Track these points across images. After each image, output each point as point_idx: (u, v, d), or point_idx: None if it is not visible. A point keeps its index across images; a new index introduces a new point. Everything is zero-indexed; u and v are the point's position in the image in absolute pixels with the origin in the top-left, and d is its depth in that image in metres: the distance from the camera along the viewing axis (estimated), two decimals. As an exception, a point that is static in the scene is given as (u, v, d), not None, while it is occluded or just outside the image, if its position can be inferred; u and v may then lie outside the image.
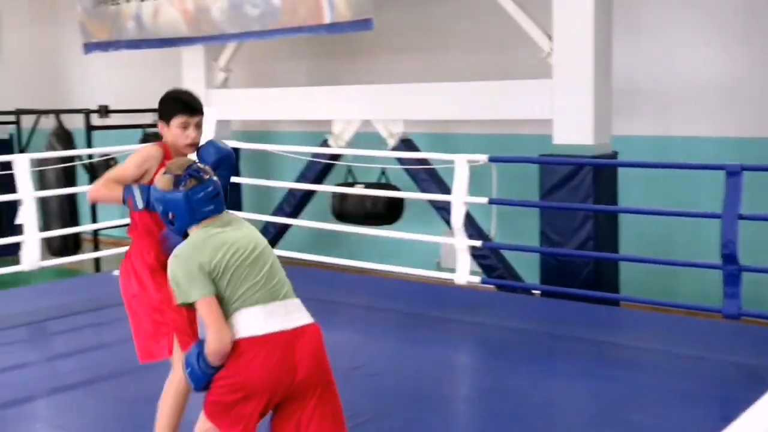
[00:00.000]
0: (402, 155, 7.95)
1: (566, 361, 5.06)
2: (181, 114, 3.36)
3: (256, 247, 2.86)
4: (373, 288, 7.03)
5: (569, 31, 6.85)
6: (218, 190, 2.90)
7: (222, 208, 2.91)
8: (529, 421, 4.18)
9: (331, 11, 7.66)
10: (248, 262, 2.80)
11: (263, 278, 2.80)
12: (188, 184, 2.83)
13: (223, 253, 2.77)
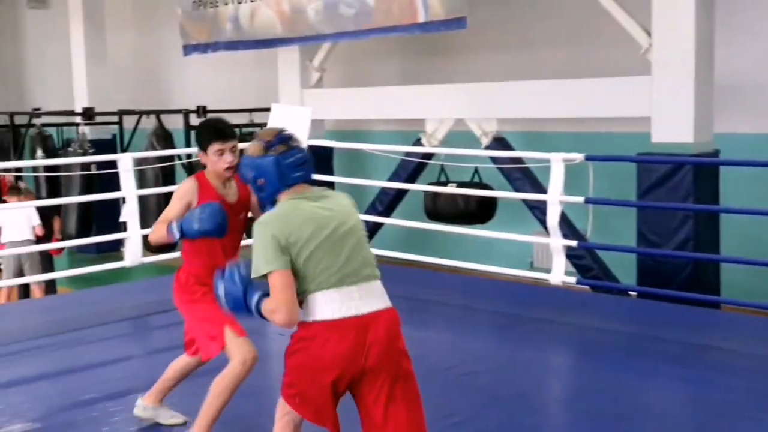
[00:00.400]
0: (495, 154, 7.89)
1: (664, 365, 4.93)
2: (215, 142, 3.56)
3: (341, 225, 2.85)
4: (466, 287, 6.99)
5: (669, 26, 6.69)
6: (307, 158, 2.92)
7: (310, 175, 2.94)
8: (624, 424, 4.10)
9: (425, 10, 7.66)
10: (330, 243, 2.80)
11: (344, 260, 2.80)
12: (278, 149, 2.85)
13: (305, 230, 2.77)
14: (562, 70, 8.45)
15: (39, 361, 5.36)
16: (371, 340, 2.74)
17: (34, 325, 6.23)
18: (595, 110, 7.53)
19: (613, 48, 7.93)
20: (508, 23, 9.20)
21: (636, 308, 6.40)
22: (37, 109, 12.89)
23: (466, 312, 6.31)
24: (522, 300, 6.53)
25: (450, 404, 4.23)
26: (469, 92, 8.38)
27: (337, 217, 2.86)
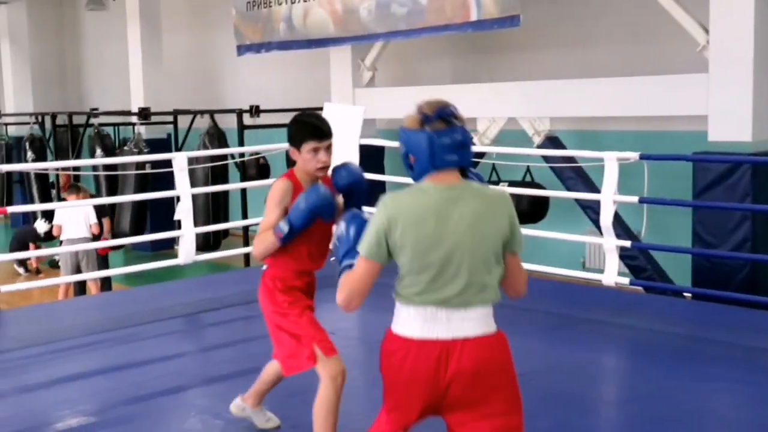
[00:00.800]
0: (548, 153, 7.83)
1: (720, 368, 4.84)
2: (310, 139, 3.34)
3: (462, 238, 2.50)
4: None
5: (727, 22, 6.57)
6: (467, 140, 2.60)
7: (467, 161, 2.62)
8: (679, 428, 4.04)
9: (478, 9, 7.62)
10: (434, 255, 2.49)
11: (442, 278, 2.50)
12: (435, 126, 2.56)
13: (415, 227, 2.50)
14: (616, 69, 8.36)
15: (95, 356, 5.45)
16: (453, 370, 2.48)
17: (90, 321, 6.33)
18: (651, 108, 7.43)
19: (668, 45, 7.82)
20: (562, 21, 9.12)
21: (691, 310, 6.31)
22: (95, 109, 13.13)
23: (517, 312, 6.24)
24: (574, 300, 6.48)
25: (501, 405, 4.21)
26: (522, 91, 8.33)
27: (466, 222, 2.52)
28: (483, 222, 2.54)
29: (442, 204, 2.53)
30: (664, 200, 6.77)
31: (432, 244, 2.48)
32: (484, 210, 2.56)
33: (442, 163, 2.55)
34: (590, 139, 8.48)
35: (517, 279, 2.74)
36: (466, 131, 2.60)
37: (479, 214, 2.54)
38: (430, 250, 2.48)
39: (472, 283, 2.52)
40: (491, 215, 2.57)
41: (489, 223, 2.55)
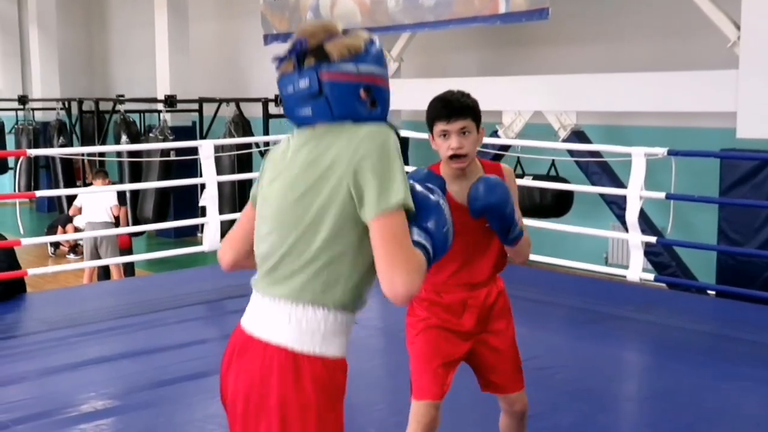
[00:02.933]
0: (574, 147, 7.80)
1: (744, 366, 4.80)
2: (437, 120, 2.69)
3: (295, 183, 1.89)
4: (540, 281, 6.92)
5: (759, 19, 6.51)
6: (313, 90, 1.85)
7: (310, 120, 1.90)
8: (701, 426, 4.01)
9: (507, 1, 7.59)
10: (266, 205, 1.97)
11: (265, 250, 1.94)
12: (283, 68, 1.94)
13: (260, 176, 2.05)
14: (645, 64, 8.31)
15: (118, 340, 5.49)
16: (225, 372, 2.00)
17: (114, 305, 6.38)
18: (679, 104, 7.38)
19: (698, 41, 7.75)
20: (591, 15, 9.06)
21: (715, 308, 6.27)
22: (121, 96, 13.20)
23: (540, 306, 6.25)
24: (597, 295, 6.45)
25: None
26: (549, 85, 8.29)
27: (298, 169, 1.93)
28: (313, 178, 1.87)
29: (279, 158, 2.00)
30: (692, 197, 6.73)
31: (260, 209, 2.01)
32: (320, 155, 1.87)
33: (292, 118, 1.96)
34: (617, 134, 8.42)
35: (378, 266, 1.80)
36: (314, 73, 1.86)
37: (313, 163, 1.88)
38: (261, 214, 2.00)
39: (282, 262, 1.91)
40: (328, 162, 1.86)
41: (322, 175, 1.85)
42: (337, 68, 1.87)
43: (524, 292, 6.51)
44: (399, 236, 1.79)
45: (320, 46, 1.88)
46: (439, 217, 1.94)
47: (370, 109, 1.90)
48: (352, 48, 1.89)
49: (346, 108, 1.88)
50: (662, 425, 4.05)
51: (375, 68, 1.92)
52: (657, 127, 8.28)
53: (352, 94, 1.88)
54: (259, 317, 1.94)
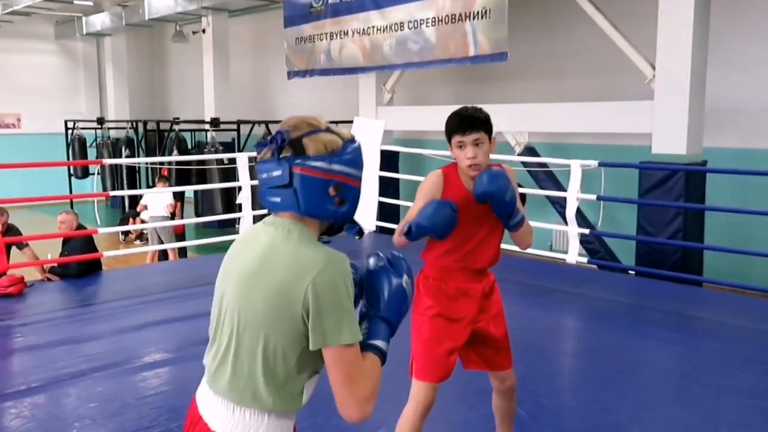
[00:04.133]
0: (526, 159, 7.80)
1: (656, 329, 4.82)
2: (454, 134, 2.46)
3: (232, 300, 1.56)
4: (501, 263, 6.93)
5: (670, 61, 6.51)
6: (284, 181, 1.52)
7: (278, 208, 1.57)
8: (623, 375, 4.02)
9: (475, 47, 7.58)
10: (213, 313, 1.67)
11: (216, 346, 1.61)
12: (262, 155, 1.58)
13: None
14: (581, 95, 8.31)
15: (174, 307, 5.50)
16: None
17: (170, 280, 6.38)
18: (608, 127, 7.39)
19: (623, 78, 7.76)
20: (539, 58, 9.07)
21: (634, 284, 6.28)
22: (177, 118, 13.16)
23: (499, 282, 6.24)
24: (543, 274, 6.46)
25: (485, 353, 4.22)
26: (507, 111, 8.29)
27: (231, 288, 1.62)
28: (257, 272, 1.52)
29: (248, 237, 1.63)
30: (617, 198, 6.74)
31: (218, 285, 1.67)
32: (267, 255, 1.52)
33: (264, 203, 1.60)
34: (559, 150, 8.43)
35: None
36: (287, 165, 1.52)
37: (260, 261, 1.52)
38: (217, 292, 1.67)
39: (224, 358, 1.56)
40: (272, 266, 1.50)
41: (264, 276, 1.50)
42: (309, 163, 1.52)
43: (487, 271, 6.54)
44: (352, 370, 1.47)
45: (299, 139, 1.54)
46: (398, 303, 1.60)
47: (336, 207, 1.55)
48: (329, 145, 1.55)
49: (312, 203, 1.53)
50: (593, 374, 4.07)
51: (349, 168, 1.56)
52: (590, 145, 8.29)
53: (320, 190, 1.53)
54: (207, 404, 1.58)
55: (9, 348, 4.62)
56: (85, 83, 17.22)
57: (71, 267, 6.30)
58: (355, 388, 1.48)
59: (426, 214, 2.38)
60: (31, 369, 4.12)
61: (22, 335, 4.78)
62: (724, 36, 7.36)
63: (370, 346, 1.55)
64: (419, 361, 2.51)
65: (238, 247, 1.63)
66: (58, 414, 3.49)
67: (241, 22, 13.62)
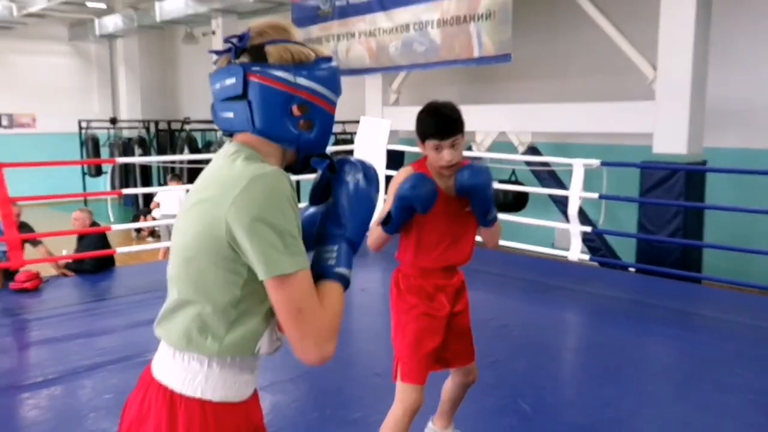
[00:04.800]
0: (529, 159, 7.80)
1: (656, 326, 4.82)
2: (431, 137, 2.32)
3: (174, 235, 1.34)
4: (503, 260, 6.93)
5: (671, 62, 6.50)
6: (237, 90, 1.25)
7: (230, 125, 1.30)
8: (625, 371, 4.01)
9: (480, 48, 7.58)
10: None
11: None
12: (218, 62, 1.36)
13: None
14: (584, 96, 8.30)
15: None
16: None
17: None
18: (610, 127, 7.38)
19: (625, 79, 7.75)
20: (543, 58, 9.06)
21: (635, 281, 6.27)
22: (187, 118, 13.18)
23: (503, 279, 6.26)
24: (546, 271, 6.45)
25: (488, 348, 4.21)
26: (511, 111, 8.29)
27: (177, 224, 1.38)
28: (190, 207, 1.28)
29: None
30: (618, 197, 6.73)
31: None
32: (203, 189, 1.27)
33: (216, 121, 1.33)
34: (562, 149, 8.42)
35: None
36: (241, 71, 1.26)
37: (196, 197, 1.28)
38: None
39: (171, 308, 1.35)
40: (204, 197, 1.25)
41: (193, 210, 1.26)
42: (269, 71, 1.24)
43: (491, 268, 6.54)
44: (302, 303, 1.20)
45: (261, 46, 1.27)
46: (366, 221, 1.34)
47: (300, 130, 1.26)
48: (297, 54, 1.26)
49: (270, 121, 1.24)
50: (595, 370, 4.07)
51: (319, 86, 1.26)
52: (593, 144, 8.28)
53: (281, 106, 1.24)
54: (157, 356, 1.38)
55: (26, 341, 4.65)
56: (98, 84, 17.26)
57: (86, 263, 6.33)
58: (308, 326, 1.20)
59: (406, 187, 2.23)
60: (47, 361, 4.14)
61: (39, 329, 4.81)
62: (725, 36, 7.34)
63: (335, 274, 1.28)
64: (406, 363, 2.41)
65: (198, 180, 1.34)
66: (74, 405, 3.51)
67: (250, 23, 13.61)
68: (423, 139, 2.35)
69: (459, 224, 2.43)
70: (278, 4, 11.23)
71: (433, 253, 2.41)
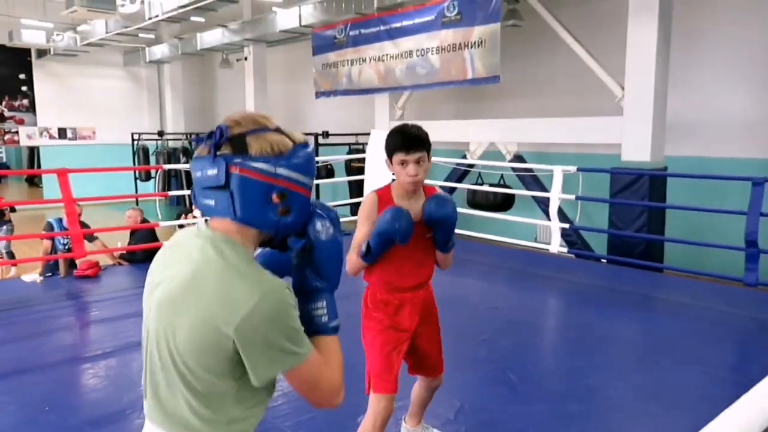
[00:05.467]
0: (515, 165, 7.77)
1: (624, 308, 4.80)
2: (398, 151, 2.14)
3: (151, 326, 1.22)
4: (493, 252, 6.92)
5: (637, 83, 6.45)
6: (220, 181, 1.13)
7: (212, 212, 1.18)
8: (598, 347, 4.01)
9: (473, 71, 7.56)
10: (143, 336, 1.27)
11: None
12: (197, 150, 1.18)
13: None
14: (563, 111, 8.26)
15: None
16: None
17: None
18: (584, 138, 7.33)
19: (597, 97, 7.70)
20: (527, 79, 9.01)
21: (606, 271, 6.24)
22: (224, 131, 13.14)
23: (492, 268, 6.25)
24: (530, 262, 6.44)
25: (479, 328, 4.21)
26: (499, 125, 8.26)
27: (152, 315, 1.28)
28: (177, 310, 1.14)
29: (163, 253, 1.25)
30: (592, 198, 6.69)
31: (144, 314, 1.26)
32: (186, 287, 1.12)
33: (197, 205, 1.20)
34: (544, 157, 8.37)
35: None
36: (223, 164, 1.12)
37: (177, 293, 1.14)
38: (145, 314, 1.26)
39: (157, 403, 1.20)
40: (191, 301, 1.11)
41: (185, 316, 1.12)
42: (250, 164, 1.11)
43: (482, 259, 6.53)
44: (315, 378, 1.15)
45: (242, 136, 1.13)
46: (336, 266, 1.24)
47: (279, 216, 1.14)
48: (276, 146, 1.14)
49: (250, 210, 1.13)
50: (571, 345, 4.06)
51: (296, 174, 1.16)
52: (570, 153, 8.24)
53: (261, 196, 1.12)
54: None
55: (86, 320, 4.67)
56: (148, 102, 17.32)
57: (137, 254, 6.35)
58: (322, 392, 1.17)
59: (386, 221, 2.06)
60: (104, 337, 4.16)
61: (98, 310, 4.84)
62: (682, 62, 7.29)
63: (329, 329, 1.20)
64: (376, 374, 2.23)
65: (165, 255, 1.22)
66: (128, 374, 3.53)
67: (277, 51, 13.64)
68: (391, 155, 2.15)
69: (422, 248, 2.23)
70: (300, 34, 11.23)
71: (398, 274, 2.23)
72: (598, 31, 7.82)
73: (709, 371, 3.54)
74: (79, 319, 4.69)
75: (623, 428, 2.92)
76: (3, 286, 5.67)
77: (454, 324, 2.79)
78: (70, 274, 5.80)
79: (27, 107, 15.25)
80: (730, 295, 5.14)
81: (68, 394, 3.28)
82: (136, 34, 12.04)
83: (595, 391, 3.30)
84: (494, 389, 3.28)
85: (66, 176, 5.62)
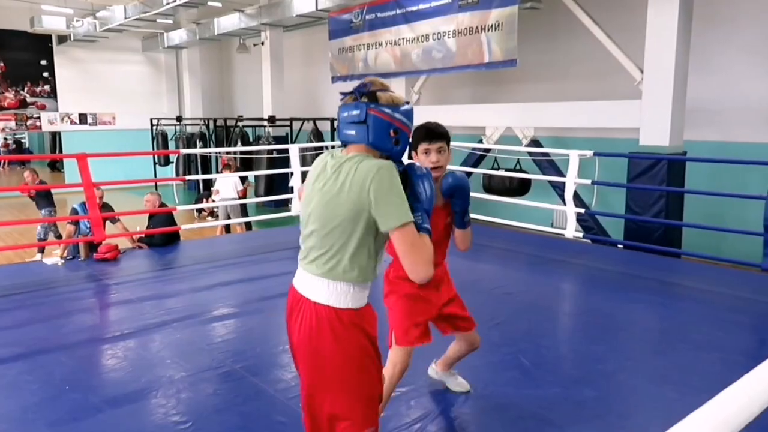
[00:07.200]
0: (532, 150, 7.70)
1: (641, 293, 4.75)
2: (422, 142, 2.45)
3: (317, 205, 1.78)
4: (509, 236, 6.88)
5: (656, 66, 6.34)
6: (361, 118, 1.76)
7: (352, 139, 1.78)
8: (613, 332, 3.97)
9: (489, 54, 7.47)
10: (304, 214, 1.85)
11: (304, 236, 1.84)
12: (345, 100, 1.84)
13: (305, 188, 1.90)
14: (579, 95, 8.15)
15: (239, 271, 5.57)
16: (291, 321, 1.84)
17: (236, 249, 6.46)
18: (602, 122, 7.24)
19: (616, 80, 7.59)
20: (544, 64, 8.89)
21: (623, 256, 6.18)
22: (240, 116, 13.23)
23: (508, 253, 6.22)
24: (545, 246, 6.39)
25: (495, 311, 4.19)
26: (516, 109, 8.18)
27: (318, 198, 1.83)
28: (337, 192, 1.72)
29: (320, 169, 1.83)
30: (609, 183, 6.61)
31: (304, 204, 1.84)
32: (344, 180, 1.72)
33: (341, 136, 1.81)
34: (560, 142, 8.30)
35: (402, 255, 1.68)
36: (365, 107, 1.75)
37: (339, 184, 1.73)
38: (304, 208, 1.83)
39: (317, 250, 1.76)
40: (347, 186, 1.70)
41: (342, 194, 1.71)
42: (381, 108, 1.74)
43: (498, 244, 6.50)
44: (414, 242, 1.66)
45: (374, 92, 1.77)
46: (429, 195, 1.79)
47: (393, 145, 1.76)
48: (394, 100, 1.78)
49: (378, 138, 1.74)
50: (587, 330, 4.03)
51: (405, 119, 1.77)
52: (587, 138, 8.15)
53: (385, 129, 1.74)
54: (307, 285, 1.77)
55: (106, 302, 4.74)
56: (166, 88, 17.39)
57: (156, 238, 6.41)
58: (418, 255, 1.66)
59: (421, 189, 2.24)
60: (123, 319, 4.21)
61: (117, 292, 4.90)
62: (703, 45, 7.14)
63: (423, 229, 1.73)
64: (397, 329, 2.48)
65: (318, 170, 1.81)
66: (146, 355, 3.57)
67: (294, 35, 13.59)
68: (416, 146, 2.46)
69: (442, 229, 2.47)
70: (317, 19, 11.17)
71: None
72: (617, 13, 7.68)
73: (726, 357, 3.49)
74: (99, 301, 4.75)
75: (637, 413, 2.89)
76: (26, 268, 5.76)
77: (469, 308, 2.77)
78: (91, 257, 5.88)
79: (48, 93, 15.40)
80: (749, 280, 5.07)
81: (88, 374, 3.33)
82: (154, 19, 12.05)
83: (610, 376, 3.28)
84: (507, 373, 3.26)
85: (86, 161, 5.67)
